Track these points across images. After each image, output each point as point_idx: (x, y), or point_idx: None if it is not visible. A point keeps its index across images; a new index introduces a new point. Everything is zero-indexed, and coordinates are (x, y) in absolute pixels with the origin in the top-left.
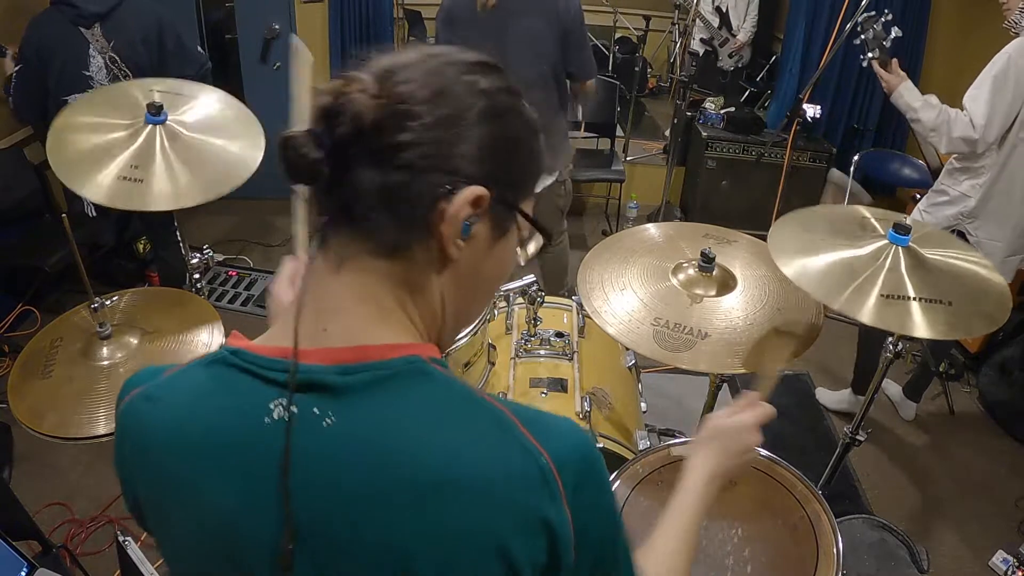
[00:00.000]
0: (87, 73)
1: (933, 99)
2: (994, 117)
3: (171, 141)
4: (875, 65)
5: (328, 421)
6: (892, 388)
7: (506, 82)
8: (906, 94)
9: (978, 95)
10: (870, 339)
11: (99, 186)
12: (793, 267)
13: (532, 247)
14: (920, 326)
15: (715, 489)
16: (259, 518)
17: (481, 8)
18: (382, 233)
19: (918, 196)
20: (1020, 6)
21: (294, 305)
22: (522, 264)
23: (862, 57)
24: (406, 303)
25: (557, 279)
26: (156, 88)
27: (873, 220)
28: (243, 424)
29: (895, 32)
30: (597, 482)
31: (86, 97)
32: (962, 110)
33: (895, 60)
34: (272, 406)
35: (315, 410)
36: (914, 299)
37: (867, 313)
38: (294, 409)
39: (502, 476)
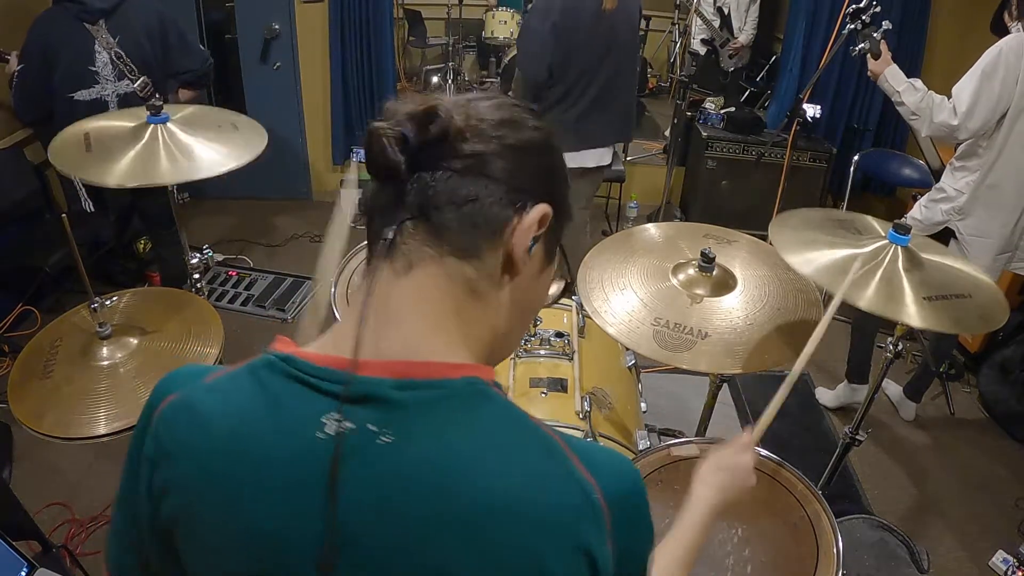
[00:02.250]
0: (93, 69)
1: (918, 83)
2: (976, 108)
3: (170, 137)
4: (869, 59)
5: (384, 439)
6: (892, 388)
7: (547, 125)
8: (890, 78)
9: (965, 85)
10: (862, 328)
11: (112, 173)
12: (796, 260)
13: (555, 287)
14: (916, 317)
15: (714, 520)
16: (306, 534)
17: (604, 11)
18: (458, 235)
19: (917, 196)
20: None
21: (356, 311)
22: (550, 300)
23: (851, 48)
24: (467, 313)
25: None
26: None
27: (872, 222)
28: (294, 438)
29: (885, 24)
30: (642, 516)
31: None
32: (949, 98)
33: (884, 42)
34: (325, 420)
35: (370, 426)
36: (919, 297)
37: (866, 301)
38: (349, 424)
39: (553, 507)
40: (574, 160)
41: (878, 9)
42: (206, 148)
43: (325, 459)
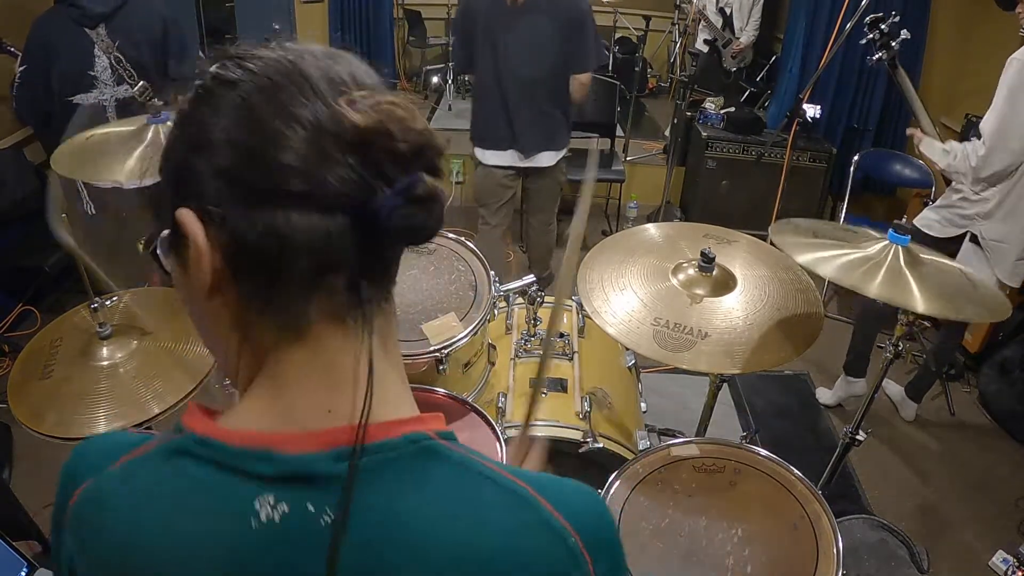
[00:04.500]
0: (92, 73)
1: (948, 146)
2: (1009, 130)
3: None
4: (914, 133)
5: (326, 519)
6: (893, 388)
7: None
8: (925, 150)
9: (990, 114)
10: (864, 327)
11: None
12: (801, 258)
13: None
14: (922, 303)
15: None
16: None
17: (511, 3)
18: (394, 273)
19: (928, 201)
20: None
21: (310, 379)
22: None
23: (869, 58)
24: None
25: (542, 260)
26: None
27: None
28: (225, 532)
29: (904, 34)
30: (615, 548)
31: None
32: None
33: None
34: (258, 505)
35: (309, 507)
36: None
37: (875, 289)
38: (284, 508)
39: (531, 563)
40: (479, 154)
41: (897, 19)
42: None
43: (267, 551)
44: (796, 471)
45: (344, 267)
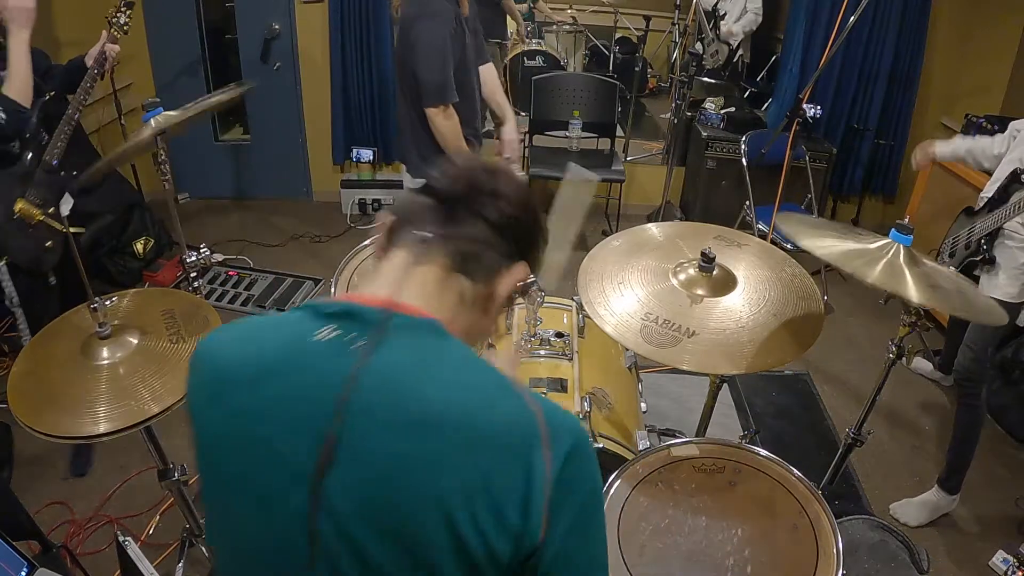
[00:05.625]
0: None
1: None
2: None
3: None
4: None
5: (358, 344)
6: (924, 366)
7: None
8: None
9: None
10: (971, 431)
11: None
12: (805, 242)
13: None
14: (918, 295)
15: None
16: (299, 412)
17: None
18: (466, 260)
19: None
20: None
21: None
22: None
23: None
24: (451, 306)
25: None
26: None
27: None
28: (290, 343)
29: None
30: (587, 465)
31: None
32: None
33: None
34: (319, 331)
35: (352, 334)
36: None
37: (875, 275)
38: (336, 331)
39: (498, 427)
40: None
41: None
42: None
43: (312, 355)
44: (796, 471)
45: (417, 223)
